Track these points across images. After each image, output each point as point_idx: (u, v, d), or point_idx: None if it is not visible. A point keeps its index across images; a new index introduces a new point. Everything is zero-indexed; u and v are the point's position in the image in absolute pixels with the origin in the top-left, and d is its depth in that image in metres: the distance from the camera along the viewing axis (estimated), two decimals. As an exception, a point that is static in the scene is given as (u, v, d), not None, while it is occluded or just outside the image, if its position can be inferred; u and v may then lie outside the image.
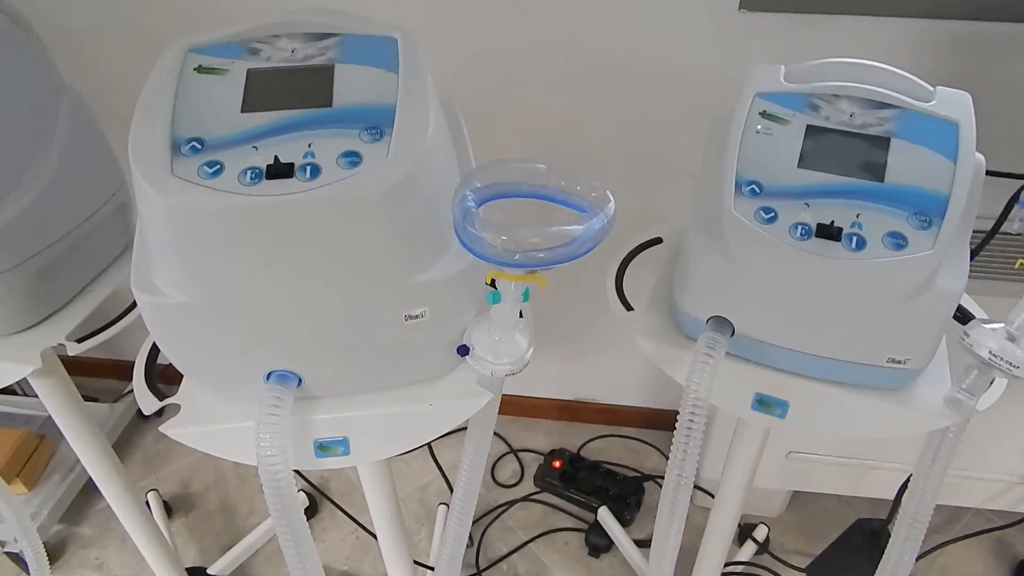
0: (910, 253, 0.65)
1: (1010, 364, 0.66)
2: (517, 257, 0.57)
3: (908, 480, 0.80)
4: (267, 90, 0.64)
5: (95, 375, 1.83)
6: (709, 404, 0.72)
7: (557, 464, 1.65)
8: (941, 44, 1.11)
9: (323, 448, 0.73)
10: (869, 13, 1.10)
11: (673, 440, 0.75)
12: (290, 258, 0.61)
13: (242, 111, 0.62)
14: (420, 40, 0.67)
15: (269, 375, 0.69)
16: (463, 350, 0.70)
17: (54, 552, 1.50)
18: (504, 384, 0.74)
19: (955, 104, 0.71)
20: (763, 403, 0.77)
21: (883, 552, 0.85)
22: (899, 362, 0.70)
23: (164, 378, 0.78)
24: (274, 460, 0.66)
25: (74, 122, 0.86)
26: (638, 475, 1.65)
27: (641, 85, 1.23)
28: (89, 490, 1.51)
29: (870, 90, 0.72)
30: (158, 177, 0.58)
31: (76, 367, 1.01)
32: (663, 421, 1.74)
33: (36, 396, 0.97)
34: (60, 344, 0.86)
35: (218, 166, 0.59)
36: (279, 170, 0.59)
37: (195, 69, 0.65)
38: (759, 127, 0.72)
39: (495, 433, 1.74)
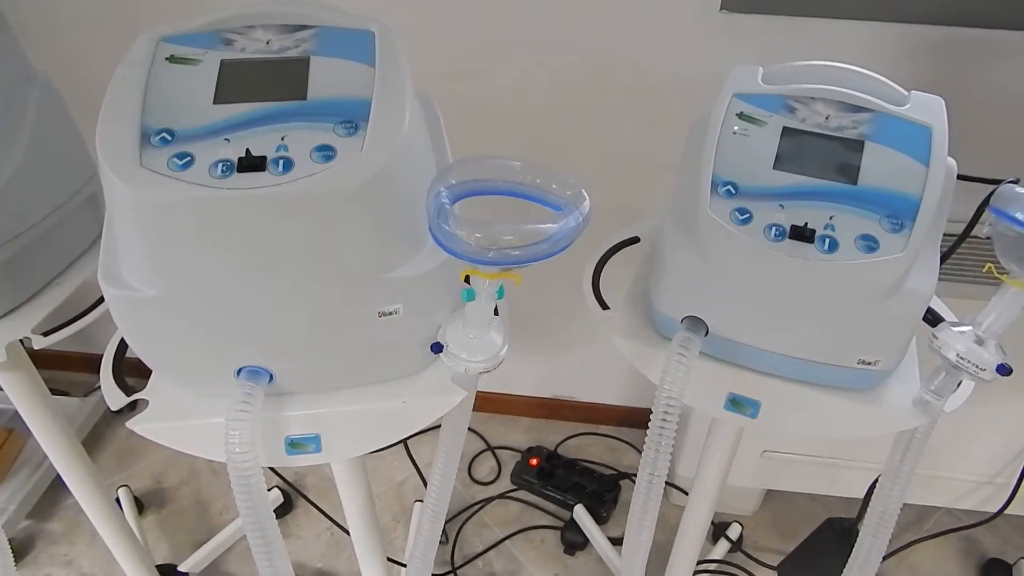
0: (882, 255, 0.65)
1: (977, 367, 0.67)
2: (491, 255, 0.57)
3: (877, 480, 0.81)
4: (240, 82, 0.63)
5: (67, 368, 1.80)
6: (683, 403, 0.73)
7: (534, 461, 1.65)
8: (918, 48, 1.12)
9: (294, 445, 0.72)
10: (849, 17, 1.11)
11: (646, 439, 0.75)
12: (261, 253, 0.60)
13: (214, 102, 0.61)
14: (398, 34, 0.67)
15: (240, 371, 0.68)
16: (437, 347, 0.70)
17: (21, 548, 1.48)
18: (481, 381, 0.74)
19: (928, 108, 0.72)
20: (736, 403, 0.77)
21: (852, 550, 0.86)
22: (869, 363, 0.71)
23: (136, 371, 0.77)
24: (243, 457, 0.65)
25: (43, 112, 0.84)
26: (615, 473, 1.66)
27: (621, 83, 1.23)
28: (58, 485, 1.48)
29: (845, 93, 0.73)
30: (126, 168, 0.57)
31: (47, 360, 0.99)
32: (640, 419, 1.74)
33: (2, 389, 0.95)
34: (27, 337, 0.84)
35: (188, 158, 0.58)
36: (251, 163, 0.58)
37: (167, 59, 0.64)
38: (736, 128, 0.72)
39: (473, 430, 1.75)
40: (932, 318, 0.80)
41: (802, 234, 0.67)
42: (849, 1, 1.09)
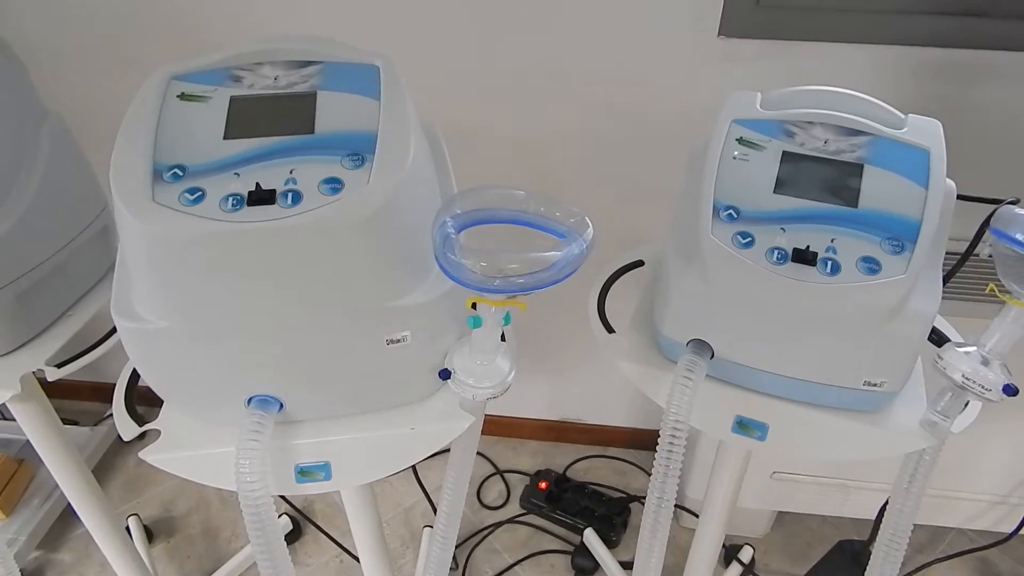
0: (883, 277, 0.66)
1: (983, 387, 0.67)
2: (497, 283, 0.58)
3: (888, 501, 0.81)
4: (249, 117, 0.64)
5: (76, 397, 1.81)
6: (690, 426, 0.73)
7: (543, 485, 1.64)
8: (918, 70, 1.13)
9: (304, 473, 0.73)
10: (846, 40, 1.12)
11: (654, 463, 0.75)
12: (271, 284, 0.61)
13: (224, 138, 0.63)
14: (403, 65, 0.68)
15: (250, 400, 0.69)
16: (445, 374, 0.71)
17: (31, 579, 1.48)
18: (488, 405, 0.74)
19: (926, 131, 0.73)
20: (743, 425, 0.78)
21: (864, 573, 0.85)
22: (875, 385, 0.71)
23: (146, 400, 0.77)
24: (254, 486, 0.66)
25: (56, 147, 0.86)
26: (624, 496, 1.65)
27: (623, 109, 1.24)
28: (68, 515, 1.49)
29: (843, 117, 0.74)
30: (139, 204, 0.58)
31: (57, 389, 1.00)
32: (649, 441, 1.74)
33: (15, 420, 0.96)
34: (39, 369, 0.85)
35: (199, 193, 0.59)
36: (260, 196, 0.59)
37: (178, 96, 0.65)
38: (736, 153, 0.74)
39: (481, 454, 1.74)
40: (937, 338, 0.80)
41: (804, 257, 0.68)
42: (846, 25, 1.11)
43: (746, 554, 1.49)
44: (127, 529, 1.53)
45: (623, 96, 1.23)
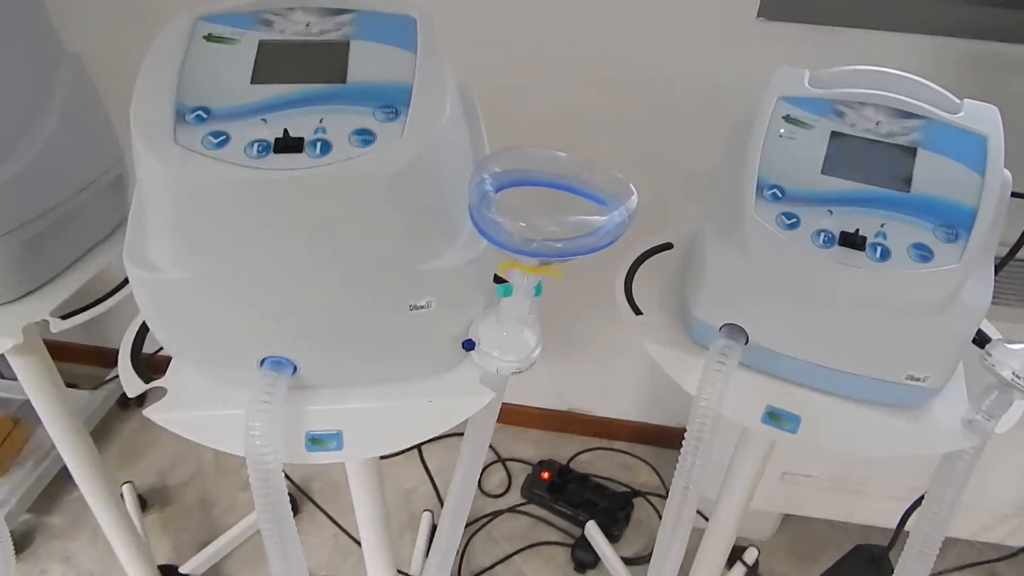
0: (936, 266, 0.63)
1: (1034, 386, 0.64)
2: (534, 245, 0.54)
3: (913, 506, 0.78)
4: (279, 63, 0.61)
5: (76, 360, 1.78)
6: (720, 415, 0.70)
7: (546, 475, 1.62)
8: (958, 63, 1.10)
9: (315, 441, 0.70)
10: (886, 28, 1.09)
11: (681, 450, 0.72)
12: (294, 237, 0.58)
13: (252, 82, 0.59)
14: (439, 22, 0.65)
15: (263, 361, 0.65)
16: (468, 344, 0.68)
17: (21, 542, 1.45)
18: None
19: (983, 117, 0.70)
20: (774, 416, 0.74)
21: (886, 578, 0.82)
22: (918, 379, 0.68)
23: (151, 368, 0.74)
24: (264, 450, 0.63)
25: (73, 89, 0.83)
26: (628, 490, 1.62)
27: (656, 89, 1.21)
28: (62, 479, 1.46)
29: (897, 99, 0.71)
30: (160, 145, 0.55)
31: (57, 352, 0.97)
32: (655, 436, 1.71)
33: (13, 379, 0.93)
34: (44, 320, 0.82)
35: (224, 136, 0.56)
36: (288, 144, 0.56)
37: (204, 37, 0.62)
38: (782, 131, 0.70)
39: (484, 440, 1.72)
40: (979, 337, 0.76)
41: (852, 241, 0.64)
42: (888, 13, 1.07)
43: (750, 555, 1.47)
44: (120, 497, 1.50)
45: (657, 76, 1.19)
